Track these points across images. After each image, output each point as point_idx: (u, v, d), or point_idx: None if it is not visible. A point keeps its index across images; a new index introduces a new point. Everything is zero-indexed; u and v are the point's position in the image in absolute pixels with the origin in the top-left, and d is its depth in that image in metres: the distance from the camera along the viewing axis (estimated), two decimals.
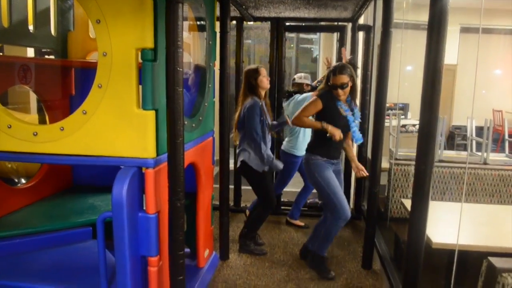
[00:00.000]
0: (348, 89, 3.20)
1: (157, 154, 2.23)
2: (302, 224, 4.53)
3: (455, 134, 8.14)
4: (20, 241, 2.75)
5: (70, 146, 2.24)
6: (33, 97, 4.87)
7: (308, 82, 4.45)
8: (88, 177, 3.69)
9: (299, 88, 4.42)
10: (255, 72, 3.66)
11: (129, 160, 2.21)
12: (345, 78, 3.16)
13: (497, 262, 1.60)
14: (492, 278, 1.58)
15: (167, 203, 2.28)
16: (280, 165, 3.71)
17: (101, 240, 2.24)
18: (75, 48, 3.58)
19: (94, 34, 3.44)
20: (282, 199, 4.96)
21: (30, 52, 4.74)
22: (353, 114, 3.27)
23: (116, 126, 2.18)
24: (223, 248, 3.67)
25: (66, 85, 3.54)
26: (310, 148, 3.39)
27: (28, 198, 3.19)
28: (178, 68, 2.12)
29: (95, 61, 3.64)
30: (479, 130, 5.68)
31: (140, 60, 2.17)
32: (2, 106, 2.37)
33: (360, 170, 3.33)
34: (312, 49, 9.82)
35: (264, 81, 3.67)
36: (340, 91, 3.17)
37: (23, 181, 3.46)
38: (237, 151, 3.80)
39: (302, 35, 8.80)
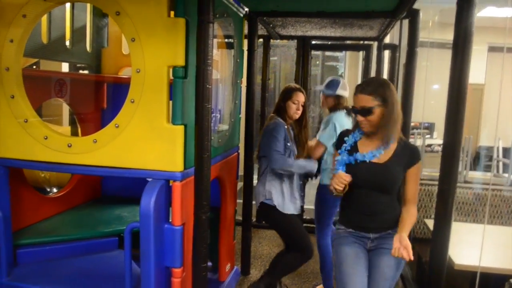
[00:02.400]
0: (374, 118, 2.11)
1: (185, 168, 2.30)
2: None
3: (481, 155, 8.01)
4: (50, 248, 2.84)
5: (102, 158, 2.34)
6: (65, 110, 5.05)
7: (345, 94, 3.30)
8: (116, 188, 3.80)
9: (336, 104, 3.24)
10: (287, 93, 3.06)
11: (157, 173, 2.29)
12: (368, 100, 2.10)
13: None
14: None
15: (192, 215, 2.34)
16: (314, 164, 3.04)
17: (128, 250, 2.31)
18: (108, 64, 3.73)
19: (127, 51, 3.61)
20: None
21: (65, 67, 4.95)
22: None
23: (146, 139, 2.27)
24: (244, 263, 3.71)
25: (98, 99, 3.67)
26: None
27: (58, 207, 3.31)
28: (207, 85, 2.20)
29: (126, 76, 3.81)
30: (506, 151, 5.59)
31: (171, 77, 2.26)
32: (39, 118, 2.50)
33: (399, 248, 1.96)
34: (337, 66, 9.89)
35: (292, 108, 3.01)
36: (360, 117, 2.14)
37: (54, 190, 3.59)
38: (255, 189, 3.16)
39: (327, 53, 8.88)
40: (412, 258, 1.91)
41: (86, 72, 3.75)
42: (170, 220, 2.33)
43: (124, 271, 2.61)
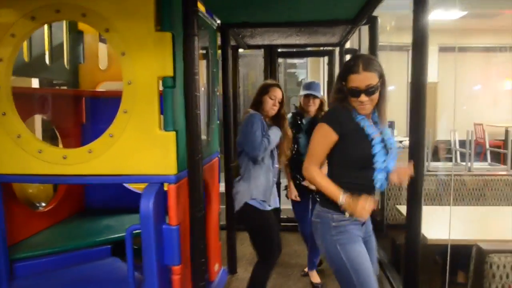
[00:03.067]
0: (376, 96, 2.01)
1: (178, 171, 2.46)
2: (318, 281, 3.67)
3: (438, 149, 8.52)
4: (45, 260, 2.91)
5: (99, 167, 2.46)
6: (38, 126, 5.05)
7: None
8: (99, 200, 3.88)
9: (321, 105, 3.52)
10: (265, 88, 3.02)
11: (153, 177, 2.44)
12: (373, 78, 1.97)
13: (485, 245, 1.86)
14: (481, 259, 1.83)
15: (187, 215, 2.50)
16: (277, 131, 2.98)
17: (129, 250, 2.44)
18: (85, 79, 3.83)
19: (104, 66, 3.73)
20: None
21: (35, 84, 4.97)
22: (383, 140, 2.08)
23: (140, 146, 2.42)
24: (231, 262, 3.87)
25: (78, 114, 3.77)
26: (323, 195, 2.10)
27: (47, 221, 3.37)
28: (196, 93, 2.39)
29: (103, 90, 3.92)
30: (462, 143, 6.03)
31: (160, 87, 2.43)
32: (31, 133, 2.60)
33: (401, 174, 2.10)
34: (296, 73, 10.25)
35: (269, 102, 2.97)
36: (364, 97, 1.97)
37: (43, 204, 3.64)
38: (235, 188, 3.04)
39: (288, 60, 9.22)
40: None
41: (64, 88, 3.82)
42: (167, 221, 2.48)
43: (120, 275, 2.76)
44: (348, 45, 4.88)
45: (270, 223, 2.97)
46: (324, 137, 2.04)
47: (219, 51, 3.71)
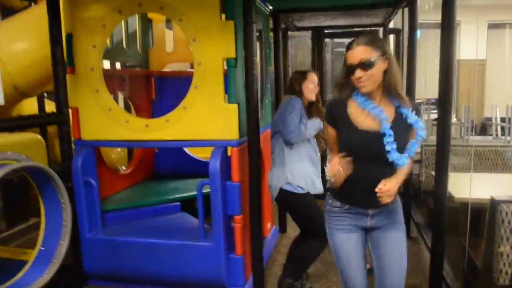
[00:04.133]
0: (375, 72, 1.87)
1: (239, 137, 2.95)
2: None
3: (487, 125, 8.55)
4: (127, 212, 3.53)
5: (174, 134, 2.99)
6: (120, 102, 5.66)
7: None
8: (167, 167, 4.47)
9: None
10: (301, 76, 2.99)
11: (219, 142, 2.94)
12: (368, 51, 1.85)
13: (498, 197, 2.22)
14: (494, 208, 2.19)
15: (247, 175, 2.99)
16: (318, 123, 2.97)
17: (200, 202, 2.98)
18: (154, 62, 4.39)
19: (170, 49, 4.25)
20: None
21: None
22: (393, 120, 1.93)
23: (208, 116, 2.92)
24: (282, 222, 4.36)
25: (148, 91, 4.34)
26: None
27: (126, 182, 4.00)
28: (254, 71, 2.85)
29: (170, 71, 4.46)
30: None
31: (225, 67, 2.90)
32: (119, 107, 3.16)
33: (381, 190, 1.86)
34: (343, 52, 10.45)
35: (311, 87, 2.95)
36: (360, 72, 1.86)
37: (123, 168, 4.28)
38: (271, 173, 3.04)
39: (336, 40, 9.45)
40: (387, 200, 1.86)
41: (138, 69, 4.40)
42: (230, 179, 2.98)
43: (190, 226, 3.32)
44: (391, 25, 5.15)
45: (310, 204, 2.91)
46: (328, 131, 2.11)
47: (271, 34, 4.14)
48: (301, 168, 2.90)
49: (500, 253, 2.15)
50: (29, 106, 3.90)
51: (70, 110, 3.15)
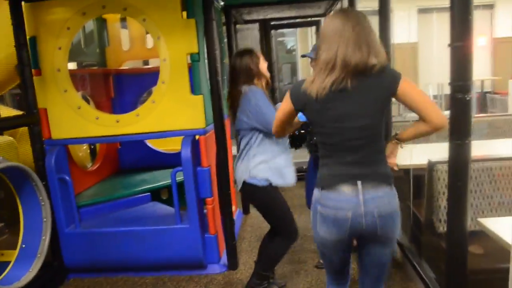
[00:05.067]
0: None
1: (206, 125, 3.20)
2: None
3: None
4: (100, 206, 3.68)
5: (145, 127, 3.19)
6: None
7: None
8: (131, 161, 4.63)
9: None
10: (254, 56, 2.71)
11: (187, 131, 3.18)
12: None
13: (433, 159, 2.63)
14: (432, 169, 2.61)
15: (214, 160, 3.25)
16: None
17: (174, 188, 3.20)
18: (111, 60, 4.51)
19: (126, 47, 4.39)
20: None
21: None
22: None
23: (176, 108, 3.14)
24: (244, 205, 4.65)
25: (108, 89, 4.46)
26: None
27: (94, 178, 4.13)
28: (217, 64, 3.10)
29: (127, 68, 4.60)
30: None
31: (188, 62, 3.13)
32: (88, 105, 3.31)
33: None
34: (285, 41, 10.89)
35: (264, 66, 2.74)
36: None
37: (89, 166, 4.39)
38: (237, 167, 2.77)
39: (278, 30, 9.86)
40: (395, 168, 1.93)
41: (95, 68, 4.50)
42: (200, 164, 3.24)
43: (163, 213, 3.55)
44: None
45: (272, 196, 2.73)
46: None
47: (224, 28, 4.39)
48: (270, 161, 2.67)
49: (438, 206, 2.56)
50: None
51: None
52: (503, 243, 1.80)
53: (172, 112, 3.16)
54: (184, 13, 3.09)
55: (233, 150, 4.26)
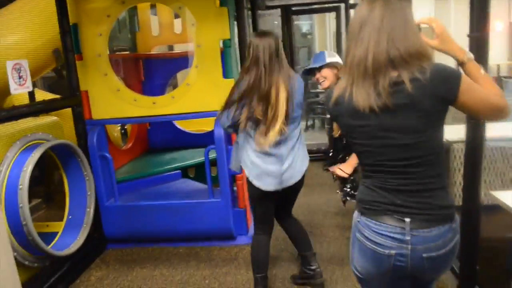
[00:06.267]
0: None
1: None
2: None
3: None
4: (135, 182, 3.96)
5: (180, 108, 3.43)
6: None
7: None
8: (159, 141, 4.89)
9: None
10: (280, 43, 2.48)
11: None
12: None
13: (450, 139, 2.84)
14: (448, 148, 2.82)
15: None
16: None
17: (207, 164, 3.45)
18: (141, 45, 4.74)
19: (156, 32, 4.61)
20: None
21: None
22: None
23: (209, 91, 3.36)
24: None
25: (138, 73, 4.71)
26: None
27: (128, 157, 4.41)
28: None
29: (156, 53, 4.83)
30: None
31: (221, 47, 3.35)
32: (126, 87, 3.55)
33: None
34: (300, 25, 11.02)
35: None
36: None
37: (123, 145, 4.66)
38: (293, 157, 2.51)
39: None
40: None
41: (127, 53, 4.74)
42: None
43: (195, 188, 3.80)
44: (352, 0, 5.70)
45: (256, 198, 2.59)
46: None
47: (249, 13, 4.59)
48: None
49: (454, 181, 2.78)
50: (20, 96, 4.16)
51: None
52: None
53: (205, 95, 3.38)
54: (217, 1, 3.29)
55: None
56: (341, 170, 2.63)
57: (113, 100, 3.50)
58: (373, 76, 1.37)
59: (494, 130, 2.57)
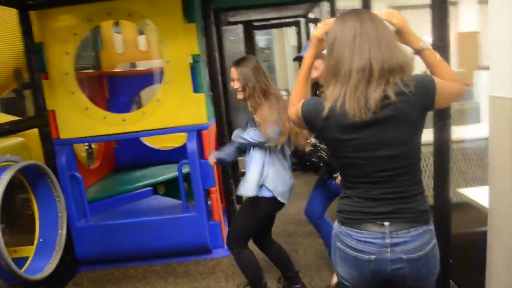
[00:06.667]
0: None
1: (208, 120, 3.47)
2: None
3: None
4: (105, 201, 3.91)
5: (150, 124, 3.43)
6: None
7: None
8: (127, 159, 4.84)
9: None
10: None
11: (191, 127, 3.43)
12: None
13: None
14: None
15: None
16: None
17: (181, 179, 3.45)
18: (105, 62, 4.71)
19: (120, 50, 4.60)
20: None
21: None
22: None
23: (180, 106, 3.39)
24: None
25: (103, 91, 4.66)
26: None
27: (96, 176, 4.34)
28: (216, 64, 3.38)
29: (120, 70, 4.81)
30: None
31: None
32: (95, 105, 3.52)
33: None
34: (257, 40, 11.20)
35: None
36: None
37: (90, 165, 4.57)
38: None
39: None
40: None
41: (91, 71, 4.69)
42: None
43: (167, 205, 3.80)
44: (311, 15, 5.90)
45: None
46: None
47: None
48: None
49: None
50: None
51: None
52: (481, 208, 2.16)
53: (176, 110, 3.40)
54: (185, 19, 3.34)
55: None
56: None
57: (81, 118, 3.45)
58: (367, 87, 1.40)
59: (455, 133, 2.74)
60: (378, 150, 1.45)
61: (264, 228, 2.79)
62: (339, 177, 2.65)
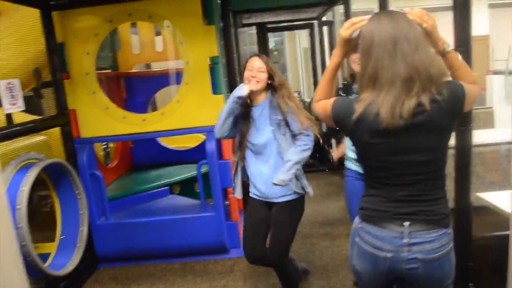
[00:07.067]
0: None
1: None
2: None
3: None
4: (124, 200, 3.96)
5: (170, 124, 3.48)
6: None
7: None
8: (143, 159, 4.89)
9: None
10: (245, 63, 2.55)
11: (209, 128, 3.46)
12: None
13: None
14: None
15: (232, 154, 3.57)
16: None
17: (200, 179, 3.50)
18: (122, 63, 4.77)
19: (137, 51, 4.66)
20: None
21: None
22: None
23: (199, 107, 3.43)
24: None
25: (120, 91, 4.72)
26: None
27: (114, 175, 4.40)
28: (234, 66, 3.42)
29: (137, 71, 4.87)
30: None
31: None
32: (115, 105, 3.57)
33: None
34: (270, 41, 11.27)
35: (245, 75, 2.49)
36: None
37: (108, 164, 4.64)
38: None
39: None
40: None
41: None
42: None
43: (184, 204, 3.84)
44: (325, 18, 5.93)
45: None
46: None
47: None
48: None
49: None
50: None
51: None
52: (502, 212, 2.19)
53: (195, 111, 3.45)
54: (205, 21, 3.39)
55: None
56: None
57: (102, 118, 3.51)
58: (407, 95, 1.39)
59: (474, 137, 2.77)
60: (407, 155, 1.47)
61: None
62: (336, 153, 2.87)
